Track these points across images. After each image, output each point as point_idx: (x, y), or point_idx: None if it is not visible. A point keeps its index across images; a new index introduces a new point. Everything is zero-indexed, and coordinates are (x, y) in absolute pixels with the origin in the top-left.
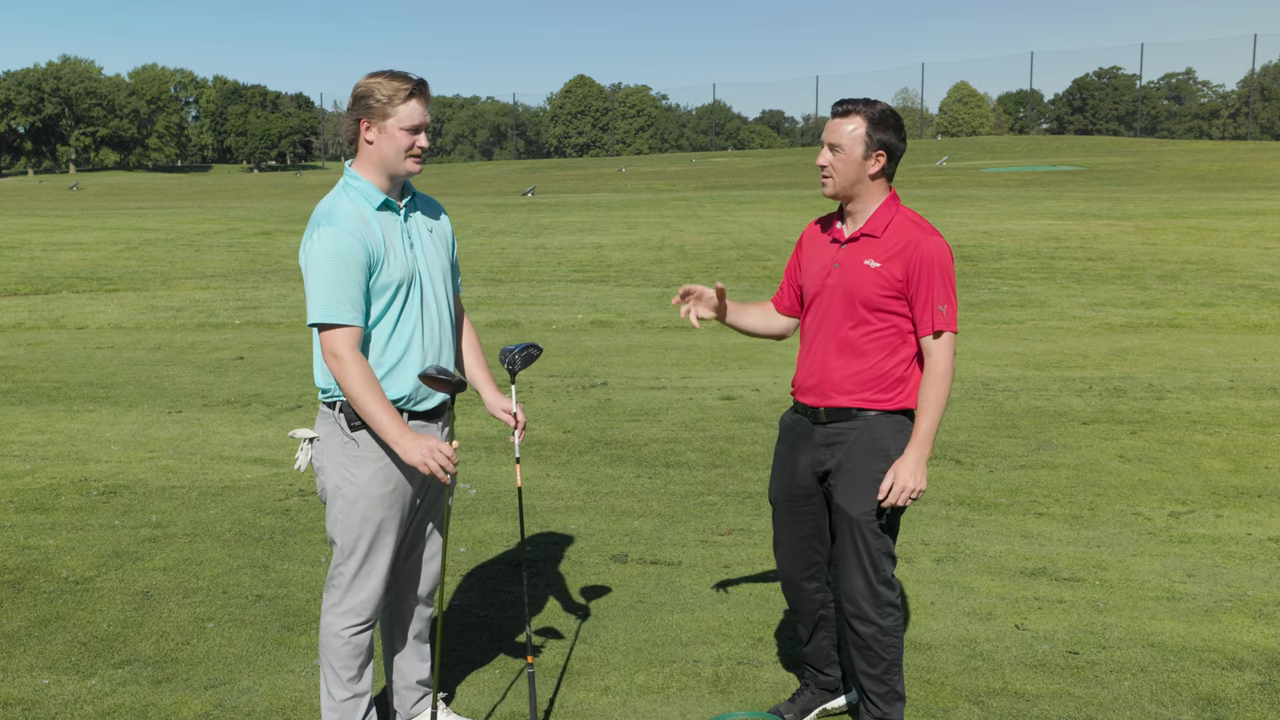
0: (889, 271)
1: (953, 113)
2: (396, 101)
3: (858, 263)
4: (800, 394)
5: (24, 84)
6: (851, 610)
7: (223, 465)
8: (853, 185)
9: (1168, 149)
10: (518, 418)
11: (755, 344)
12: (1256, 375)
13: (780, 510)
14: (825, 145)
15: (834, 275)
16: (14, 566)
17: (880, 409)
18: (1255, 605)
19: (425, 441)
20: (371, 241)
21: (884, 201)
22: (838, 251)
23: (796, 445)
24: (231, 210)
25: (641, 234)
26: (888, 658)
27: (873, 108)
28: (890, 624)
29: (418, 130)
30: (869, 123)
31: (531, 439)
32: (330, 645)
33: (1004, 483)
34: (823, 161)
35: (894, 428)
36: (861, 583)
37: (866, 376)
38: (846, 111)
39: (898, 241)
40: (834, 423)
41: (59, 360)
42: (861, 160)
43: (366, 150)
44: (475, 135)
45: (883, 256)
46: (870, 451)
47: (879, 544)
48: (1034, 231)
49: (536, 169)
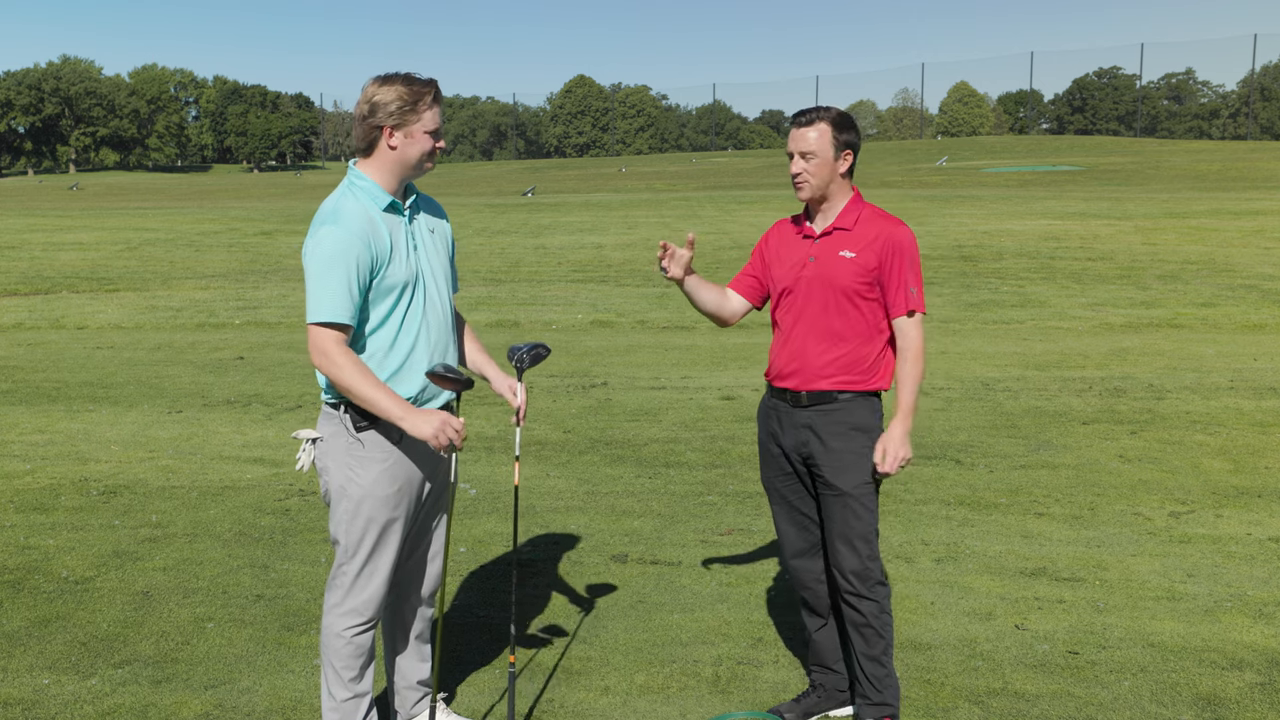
0: (863, 261)
1: (953, 113)
2: (421, 108)
3: (833, 255)
4: (779, 380)
5: (24, 84)
6: (848, 588)
7: (223, 465)
8: (826, 185)
9: (1168, 149)
10: (519, 394)
11: (755, 344)
12: (1256, 375)
13: (774, 492)
14: (796, 155)
15: (810, 268)
16: (14, 566)
17: (856, 390)
18: (1255, 605)
19: (434, 415)
20: (377, 242)
21: (851, 198)
22: (811, 246)
23: (778, 429)
24: (231, 210)
25: (641, 234)
26: (885, 637)
27: (831, 112)
28: (884, 601)
29: (438, 134)
30: (834, 127)
31: (531, 439)
32: (332, 645)
33: (1004, 483)
34: (797, 169)
35: (869, 408)
36: (854, 559)
37: (845, 361)
38: (810, 120)
39: (869, 232)
40: (814, 405)
41: (59, 360)
42: (833, 161)
43: (388, 155)
44: (475, 135)
45: (856, 247)
46: (850, 429)
47: (869, 518)
48: (1034, 231)
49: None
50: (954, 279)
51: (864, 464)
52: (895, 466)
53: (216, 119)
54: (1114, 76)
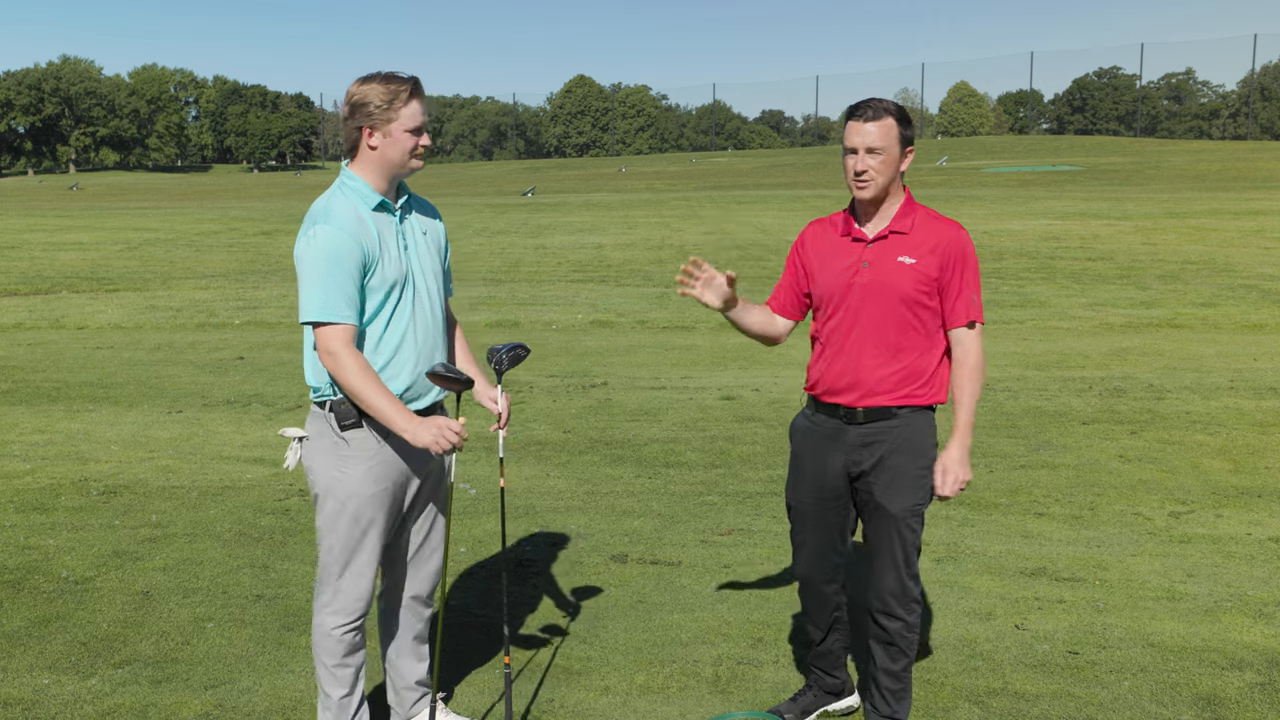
0: (925, 267)
1: (953, 113)
2: (397, 105)
3: (891, 260)
4: (831, 395)
5: (24, 84)
6: (879, 607)
7: (223, 465)
8: (889, 184)
9: (1168, 149)
10: (499, 404)
11: (755, 344)
12: (1256, 375)
13: (806, 514)
14: (861, 150)
15: (864, 274)
16: (14, 566)
17: (915, 405)
18: (1255, 605)
19: (433, 423)
20: (367, 241)
21: (905, 198)
22: (864, 250)
23: (824, 447)
24: (231, 210)
25: (641, 234)
26: (909, 655)
27: (894, 106)
28: (915, 620)
29: (420, 130)
30: (899, 123)
31: (531, 439)
32: (323, 644)
33: (1004, 483)
34: (863, 167)
35: (927, 424)
36: (893, 579)
37: (905, 374)
38: (877, 114)
39: (929, 237)
40: (872, 422)
41: (59, 360)
42: (898, 159)
43: (370, 155)
44: (475, 135)
45: (916, 253)
46: (911, 449)
47: (914, 540)
48: (1034, 231)
49: (536, 169)
50: None
51: (919, 486)
52: (955, 490)
53: (216, 119)
54: (1114, 76)
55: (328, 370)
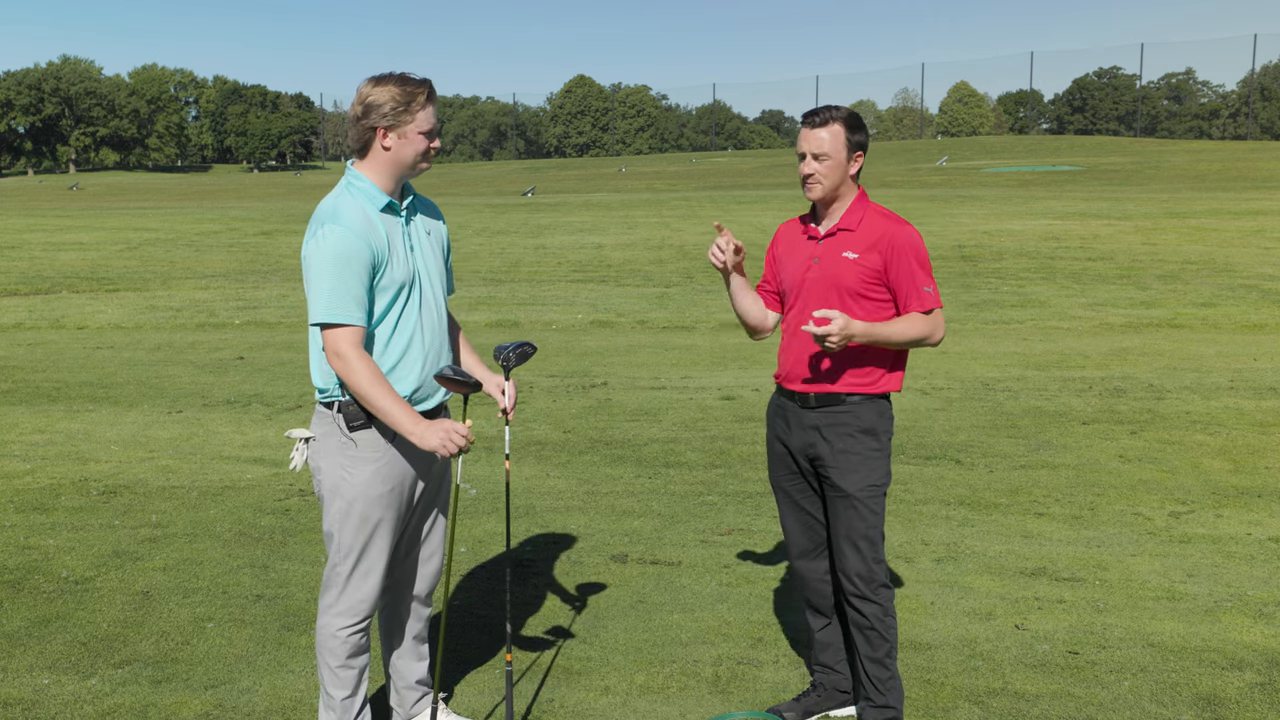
0: (868, 261)
1: (953, 113)
2: (415, 108)
3: (836, 255)
4: (787, 381)
5: (24, 84)
6: (852, 590)
7: (223, 465)
8: (837, 187)
9: (1168, 149)
10: (507, 393)
11: (755, 344)
12: (1256, 375)
13: (781, 492)
14: (808, 155)
15: (814, 269)
16: (14, 566)
17: (865, 393)
18: (1255, 605)
19: (440, 426)
20: (376, 242)
21: (856, 198)
22: (815, 247)
23: (786, 429)
24: (231, 210)
25: (641, 234)
26: (889, 640)
27: (844, 113)
28: (889, 604)
29: (433, 134)
30: (847, 128)
31: (531, 439)
32: (327, 645)
33: (1004, 483)
34: (809, 170)
35: (877, 411)
36: (857, 560)
37: (852, 362)
38: (824, 121)
39: (872, 233)
40: (823, 407)
41: (59, 360)
42: (845, 163)
43: (382, 156)
44: (475, 135)
45: (859, 248)
46: (857, 432)
47: (875, 520)
48: (1034, 231)
49: (536, 169)
50: (954, 279)
51: (871, 466)
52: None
53: (216, 119)
54: (1114, 76)
55: (335, 372)
